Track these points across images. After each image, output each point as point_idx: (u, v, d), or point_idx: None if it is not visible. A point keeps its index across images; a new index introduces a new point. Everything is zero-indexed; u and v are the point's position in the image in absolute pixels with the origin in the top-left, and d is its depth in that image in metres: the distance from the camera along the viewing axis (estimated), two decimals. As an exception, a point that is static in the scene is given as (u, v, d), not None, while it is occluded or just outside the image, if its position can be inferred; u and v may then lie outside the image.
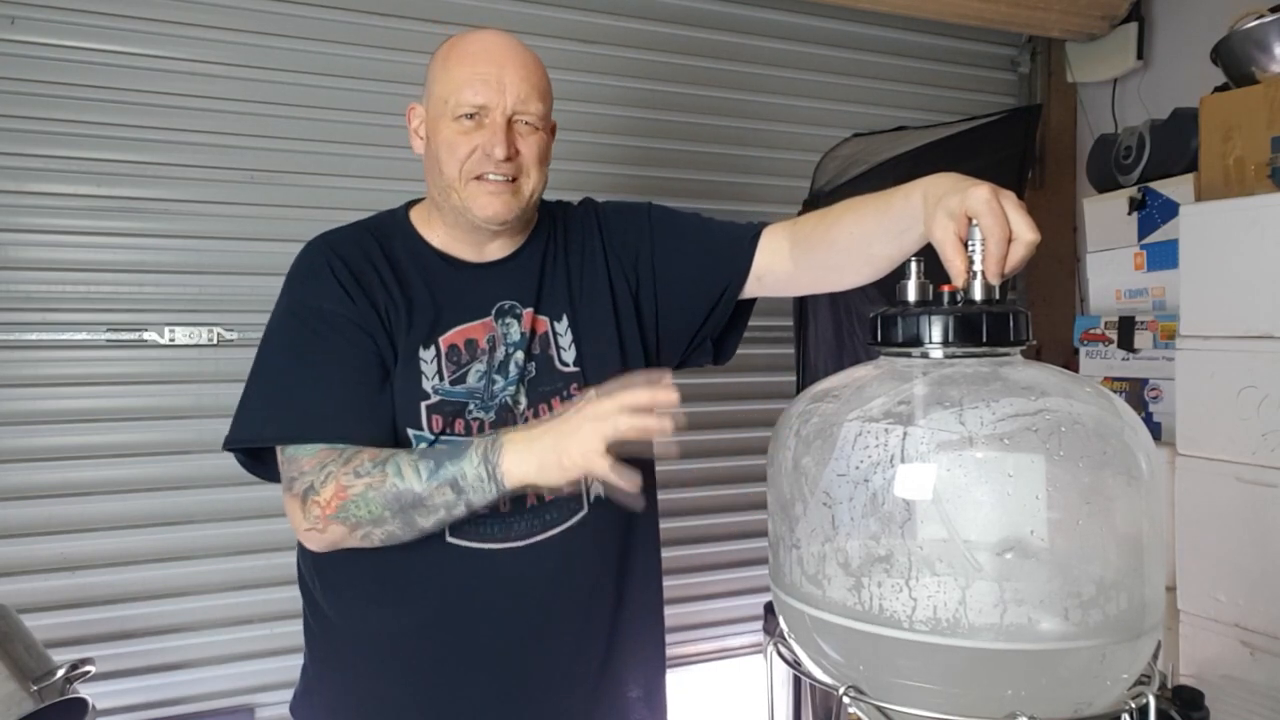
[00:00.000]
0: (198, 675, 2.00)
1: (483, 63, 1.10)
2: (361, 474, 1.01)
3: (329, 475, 1.01)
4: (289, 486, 1.05)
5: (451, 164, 1.10)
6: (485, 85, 1.09)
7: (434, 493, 0.99)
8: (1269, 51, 1.76)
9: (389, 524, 1.01)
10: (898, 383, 0.73)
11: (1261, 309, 1.53)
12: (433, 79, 1.13)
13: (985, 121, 2.39)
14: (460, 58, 1.11)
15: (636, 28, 2.36)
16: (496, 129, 1.09)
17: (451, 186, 1.11)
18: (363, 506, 1.00)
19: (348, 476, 1.01)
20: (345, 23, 2.08)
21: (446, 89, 1.10)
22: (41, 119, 1.87)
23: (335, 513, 1.01)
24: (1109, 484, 0.69)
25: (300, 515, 1.03)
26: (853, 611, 0.67)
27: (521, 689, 1.13)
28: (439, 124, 1.11)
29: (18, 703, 1.02)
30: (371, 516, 1.00)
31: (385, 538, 1.03)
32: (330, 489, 1.01)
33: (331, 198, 2.02)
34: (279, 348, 1.11)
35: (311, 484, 1.02)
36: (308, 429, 1.06)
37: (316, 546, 1.07)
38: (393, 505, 1.00)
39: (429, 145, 1.14)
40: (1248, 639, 1.53)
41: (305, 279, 1.13)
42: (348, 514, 1.01)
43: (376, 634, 1.13)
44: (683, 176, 2.42)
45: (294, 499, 1.04)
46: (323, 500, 1.01)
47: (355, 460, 1.02)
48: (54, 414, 1.91)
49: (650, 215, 1.26)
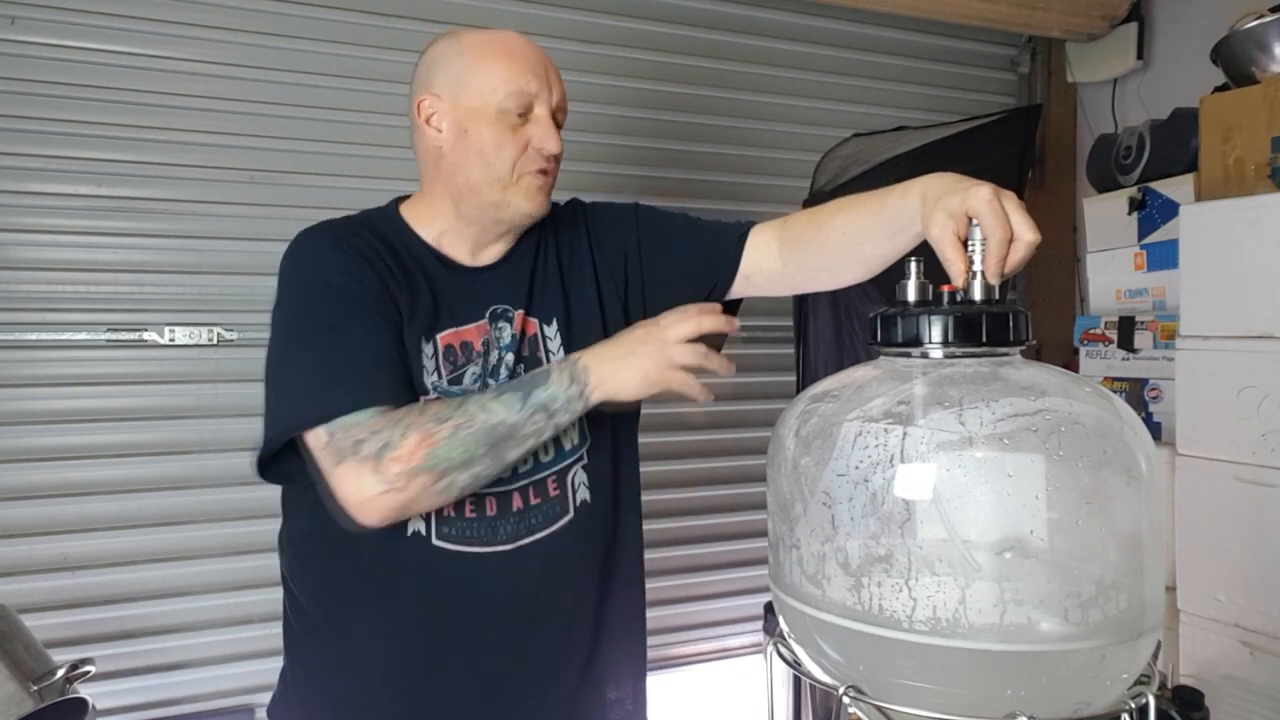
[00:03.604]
0: (197, 675, 2.00)
1: (531, 59, 1.10)
2: (444, 419, 0.98)
3: (408, 427, 0.97)
4: (353, 452, 0.97)
5: (503, 160, 1.08)
6: (537, 79, 1.09)
7: (526, 420, 1.00)
8: (1269, 51, 1.76)
9: (478, 464, 0.99)
10: (897, 383, 0.73)
11: (1261, 309, 1.53)
12: (464, 69, 1.09)
13: (985, 121, 2.39)
14: (503, 53, 1.09)
15: (636, 28, 2.36)
16: (548, 125, 1.10)
17: (498, 181, 1.09)
18: (455, 446, 0.97)
19: (430, 424, 0.98)
20: (345, 23, 2.08)
21: (491, 83, 1.08)
22: (41, 119, 1.87)
23: (422, 462, 0.96)
24: (1109, 484, 0.69)
25: (372, 480, 0.97)
26: (852, 612, 0.67)
27: (504, 691, 1.13)
28: (476, 121, 1.08)
29: (18, 703, 1.02)
30: (465, 456, 0.98)
31: (469, 481, 1.00)
32: (413, 439, 0.97)
33: (331, 198, 2.02)
34: (308, 328, 1.06)
35: (387, 441, 0.97)
36: (368, 392, 1.01)
37: (383, 515, 0.99)
38: (485, 440, 0.99)
39: (464, 137, 1.10)
40: (1248, 639, 1.53)
41: (317, 258, 1.10)
42: (437, 459, 0.97)
43: (360, 637, 1.12)
44: (682, 176, 2.42)
45: (360, 465, 0.97)
46: (404, 453, 0.96)
47: (430, 410, 0.99)
48: (54, 414, 1.91)
49: (637, 215, 1.25)
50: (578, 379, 1.01)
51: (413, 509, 1.01)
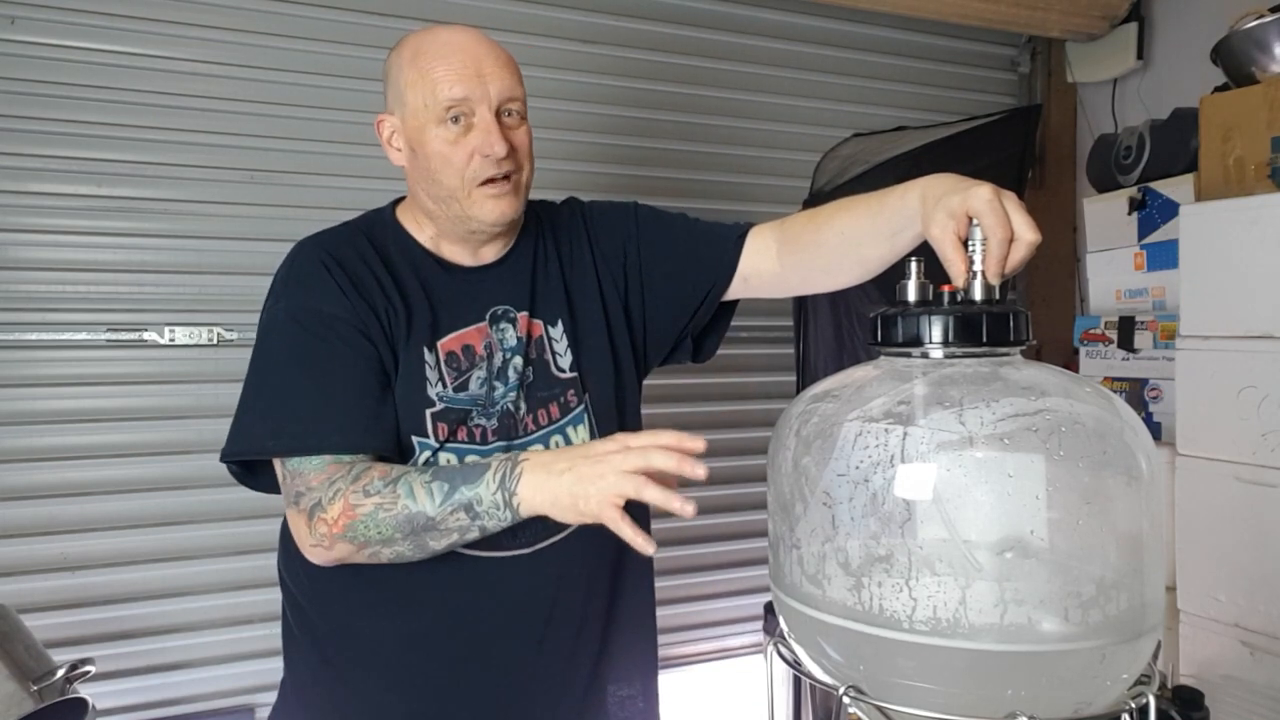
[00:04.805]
0: (197, 675, 2.00)
1: (458, 57, 1.05)
2: (371, 493, 0.97)
3: (337, 492, 0.98)
4: (295, 501, 1.02)
5: (450, 175, 1.06)
6: (465, 82, 1.04)
7: (447, 516, 0.95)
8: (1269, 51, 1.76)
9: (398, 545, 0.98)
10: (898, 383, 0.73)
11: (1261, 309, 1.53)
12: (404, 85, 1.07)
13: (985, 121, 2.39)
14: (431, 57, 1.05)
15: (636, 28, 2.36)
16: (489, 127, 1.05)
17: (453, 197, 1.07)
18: (372, 527, 0.96)
19: (356, 495, 0.97)
20: (345, 23, 2.08)
21: (424, 92, 1.05)
22: (41, 119, 1.87)
23: (343, 531, 0.97)
24: (1109, 484, 0.69)
25: (306, 531, 1.00)
26: (853, 612, 0.67)
27: (516, 692, 1.13)
28: (423, 133, 1.06)
29: (18, 703, 1.02)
30: (381, 537, 0.97)
31: (394, 557, 0.99)
32: (338, 506, 0.97)
33: (331, 198, 2.02)
34: (278, 355, 1.07)
35: (319, 500, 0.99)
36: (313, 441, 1.02)
37: (321, 563, 1.03)
38: (404, 527, 0.96)
39: (416, 156, 1.09)
40: (1248, 639, 1.53)
41: (300, 281, 1.08)
42: (356, 534, 0.97)
43: (372, 641, 1.11)
44: (682, 177, 2.42)
45: (300, 514, 1.01)
46: (329, 518, 0.97)
47: (364, 478, 0.98)
48: (54, 414, 1.91)
49: (637, 216, 1.25)
50: (507, 485, 0.94)
51: (349, 562, 1.02)
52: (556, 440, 1.13)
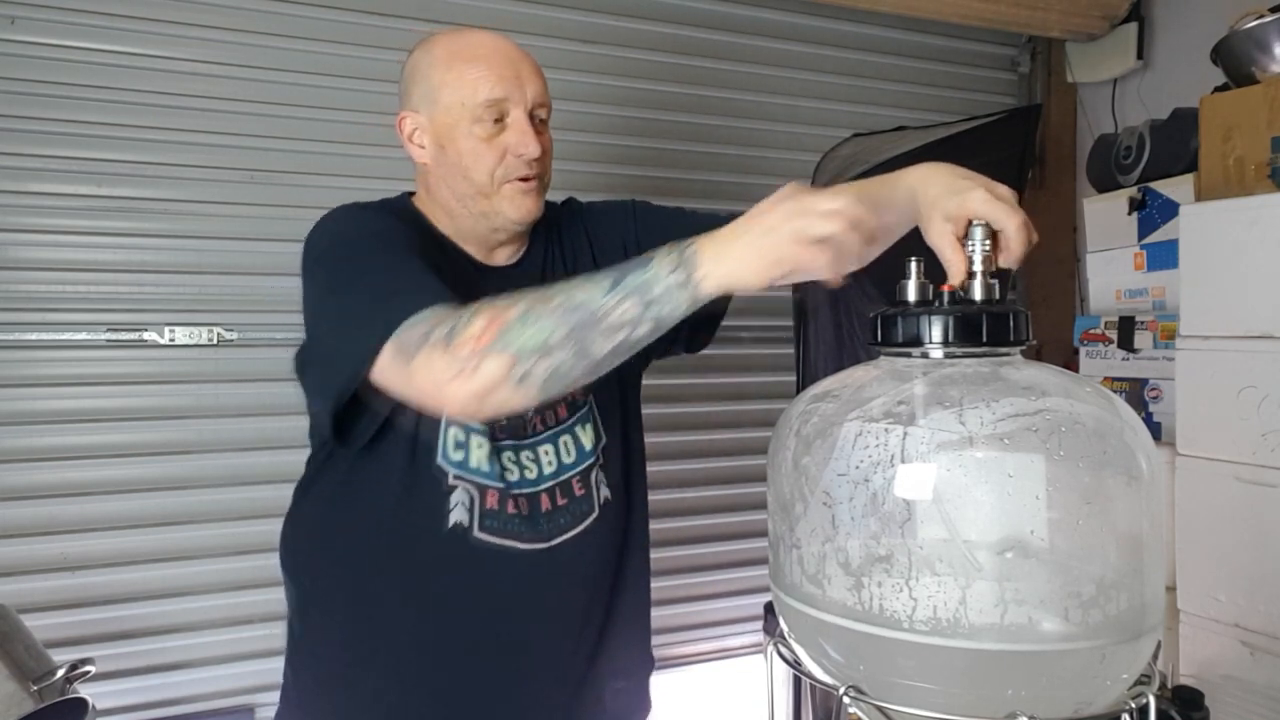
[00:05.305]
0: (197, 675, 2.00)
1: (497, 60, 1.08)
2: (518, 299, 0.87)
3: (474, 313, 0.88)
4: (421, 343, 0.90)
5: (480, 172, 1.08)
6: (505, 83, 1.07)
7: (615, 306, 0.83)
8: (1269, 51, 1.76)
9: (558, 352, 0.84)
10: (897, 383, 0.73)
11: (1261, 309, 1.53)
12: (436, 83, 1.09)
13: (985, 121, 2.39)
14: (469, 59, 1.08)
15: (636, 28, 2.36)
16: (524, 128, 1.07)
17: (480, 194, 1.08)
18: (528, 327, 0.85)
19: (502, 304, 0.87)
20: (345, 23, 2.08)
21: (461, 91, 1.07)
22: (41, 119, 1.87)
23: (492, 342, 0.85)
24: (1109, 484, 0.69)
25: (444, 364, 0.87)
26: (853, 611, 0.67)
27: (514, 684, 1.13)
28: (454, 131, 1.08)
29: (18, 703, 1.02)
30: (537, 341, 0.84)
31: (549, 373, 0.85)
32: (481, 321, 0.86)
33: (331, 198, 1.97)
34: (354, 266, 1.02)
35: (453, 326, 0.88)
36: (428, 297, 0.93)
37: (461, 405, 0.90)
38: (564, 322, 0.84)
39: (444, 153, 1.10)
40: (1248, 639, 1.53)
41: (347, 217, 1.08)
42: (508, 340, 0.85)
43: (379, 630, 1.11)
44: (682, 177, 2.42)
45: (430, 352, 0.88)
46: (473, 334, 0.86)
47: (503, 297, 0.89)
48: (54, 414, 1.91)
49: (635, 213, 1.26)
50: (685, 263, 0.83)
51: (491, 402, 0.88)
52: (565, 440, 1.14)
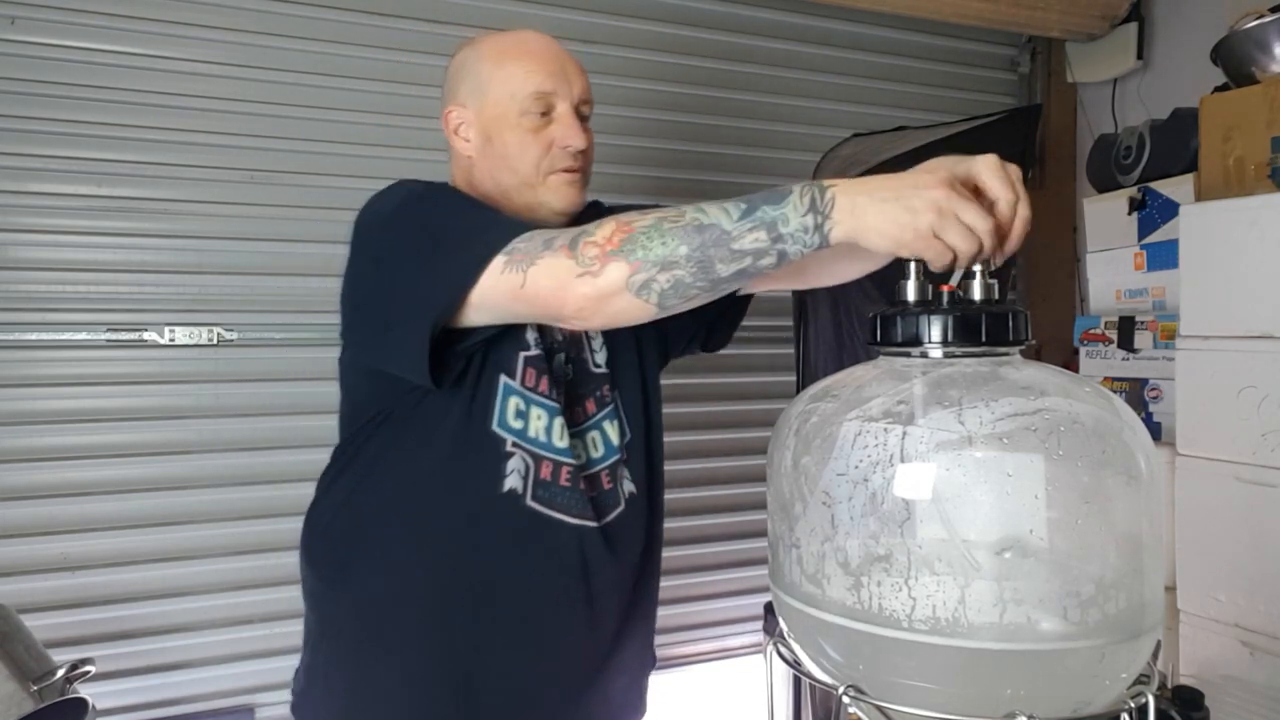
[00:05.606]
0: (198, 675, 2.00)
1: (545, 56, 1.11)
2: (647, 212, 0.89)
3: (601, 222, 0.90)
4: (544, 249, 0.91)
5: (526, 163, 1.10)
6: (553, 77, 1.10)
7: (745, 234, 0.84)
8: (1269, 51, 1.76)
9: (680, 267, 0.86)
10: (897, 382, 0.73)
11: (1261, 309, 1.53)
12: (485, 78, 1.12)
13: (985, 121, 2.39)
14: (518, 55, 1.11)
15: (636, 28, 2.36)
16: (570, 121, 1.11)
17: (526, 184, 1.11)
18: (655, 238, 0.86)
19: (629, 215, 0.89)
20: (345, 23, 2.08)
21: (511, 85, 1.10)
22: (41, 119, 1.87)
23: (619, 246, 0.87)
24: (1108, 484, 0.69)
25: (571, 263, 0.89)
26: (852, 611, 0.67)
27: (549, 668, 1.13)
28: (501, 123, 1.11)
29: (18, 703, 1.02)
30: (662, 254, 0.86)
31: (669, 288, 0.87)
32: (609, 228, 0.88)
33: (331, 198, 2.02)
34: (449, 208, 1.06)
35: (583, 230, 0.90)
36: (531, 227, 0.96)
37: (579, 302, 0.90)
38: (691, 239, 0.85)
39: (490, 145, 1.12)
40: (1248, 639, 1.53)
41: (415, 183, 1.09)
42: (634, 247, 0.86)
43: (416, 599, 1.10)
44: (682, 177, 2.42)
45: (553, 255, 0.90)
46: (600, 238, 0.88)
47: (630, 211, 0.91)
48: (54, 414, 1.91)
49: None
50: (820, 208, 0.82)
51: (611, 307, 0.90)
52: (593, 436, 1.16)
